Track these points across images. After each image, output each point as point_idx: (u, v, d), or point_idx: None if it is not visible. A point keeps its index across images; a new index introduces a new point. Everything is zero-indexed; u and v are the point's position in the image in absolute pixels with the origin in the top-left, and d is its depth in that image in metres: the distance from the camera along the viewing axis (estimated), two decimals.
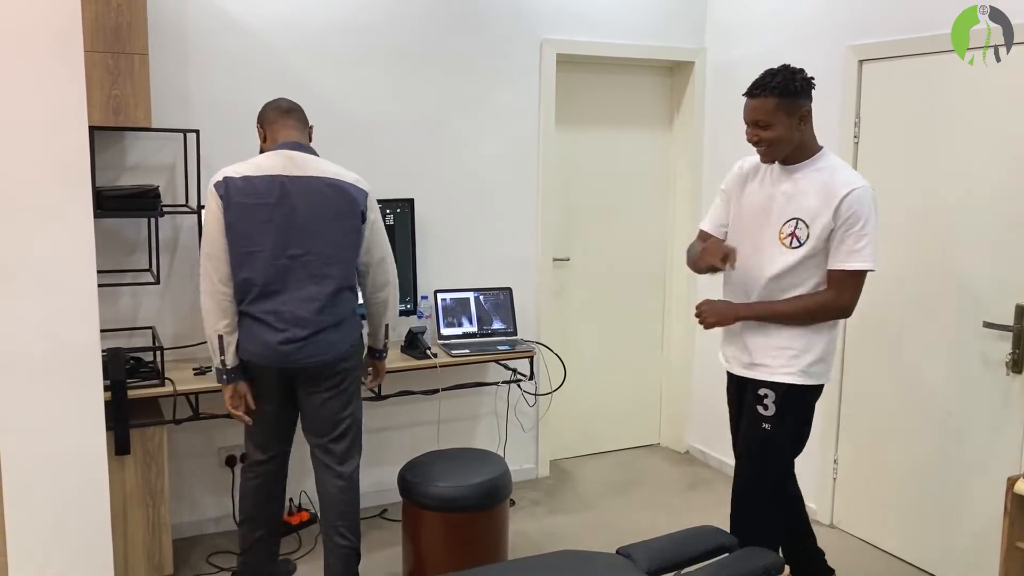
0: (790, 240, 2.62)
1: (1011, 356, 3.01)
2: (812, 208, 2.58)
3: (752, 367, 2.75)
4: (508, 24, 4.00)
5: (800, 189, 2.63)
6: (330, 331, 2.80)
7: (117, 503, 3.02)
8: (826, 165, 2.64)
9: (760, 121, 2.61)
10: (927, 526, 3.38)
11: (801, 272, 2.64)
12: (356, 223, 2.83)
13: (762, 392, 2.72)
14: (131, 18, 3.04)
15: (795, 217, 2.61)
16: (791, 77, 2.61)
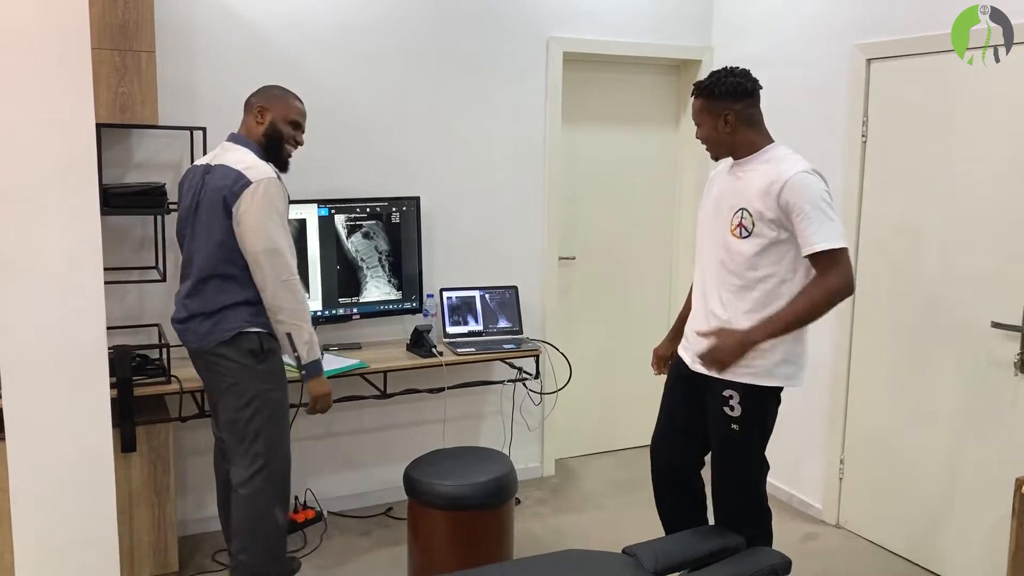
0: (739, 231, 2.63)
1: (1019, 356, 3.00)
2: (753, 198, 2.59)
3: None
4: (515, 22, 3.99)
5: (746, 181, 2.65)
6: (199, 320, 2.82)
7: (123, 500, 3.02)
8: (772, 156, 2.65)
9: (694, 119, 2.76)
10: (934, 527, 3.37)
11: (769, 258, 2.59)
12: (218, 211, 2.74)
13: (727, 393, 2.64)
14: (138, 16, 3.04)
15: (741, 208, 2.63)
16: (720, 80, 2.67)
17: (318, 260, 3.61)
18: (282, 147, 2.91)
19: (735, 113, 2.66)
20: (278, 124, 2.89)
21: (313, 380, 2.86)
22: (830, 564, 3.47)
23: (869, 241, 3.57)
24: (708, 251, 2.73)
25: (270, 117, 2.88)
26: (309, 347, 2.80)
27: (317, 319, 3.63)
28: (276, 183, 2.76)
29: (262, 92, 2.94)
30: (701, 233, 2.81)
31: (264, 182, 2.72)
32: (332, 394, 2.93)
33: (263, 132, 2.88)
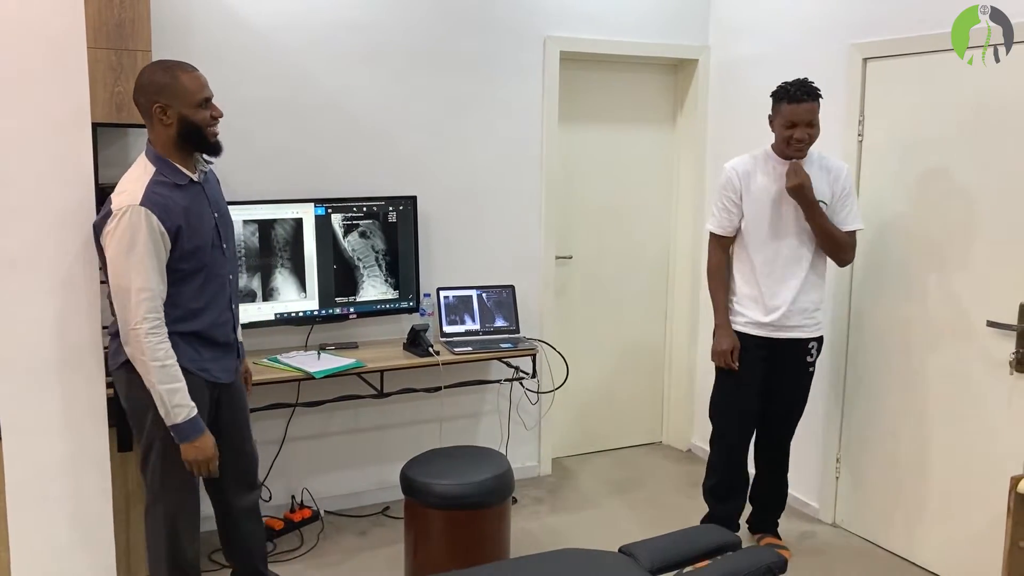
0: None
1: (1014, 355, 3.00)
2: (824, 191, 3.21)
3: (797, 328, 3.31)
4: (511, 22, 3.99)
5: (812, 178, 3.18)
6: (112, 338, 2.54)
7: (120, 500, 3.02)
8: (819, 157, 3.29)
9: (811, 121, 3.15)
10: (930, 525, 3.38)
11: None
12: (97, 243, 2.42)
13: (811, 345, 3.35)
14: (134, 15, 3.03)
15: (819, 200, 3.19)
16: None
17: (315, 259, 3.61)
18: (204, 136, 2.52)
19: None
20: (188, 116, 2.47)
21: (182, 444, 2.47)
22: (826, 562, 3.48)
23: (865, 240, 3.57)
24: (783, 237, 3.25)
25: (176, 112, 2.45)
26: (166, 409, 2.42)
27: (314, 318, 3.63)
28: (138, 212, 2.35)
29: (145, 85, 2.46)
30: (764, 224, 3.26)
31: (128, 211, 2.35)
32: (214, 458, 2.54)
33: (176, 133, 2.48)
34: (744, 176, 3.28)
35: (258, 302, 3.52)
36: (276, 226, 3.54)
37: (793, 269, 3.26)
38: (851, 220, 3.26)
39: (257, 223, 3.50)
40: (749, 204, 3.27)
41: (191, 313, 2.54)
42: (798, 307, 3.27)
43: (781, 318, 3.28)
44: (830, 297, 3.71)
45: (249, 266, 3.50)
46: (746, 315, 3.33)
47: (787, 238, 3.25)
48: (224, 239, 2.65)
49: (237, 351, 2.78)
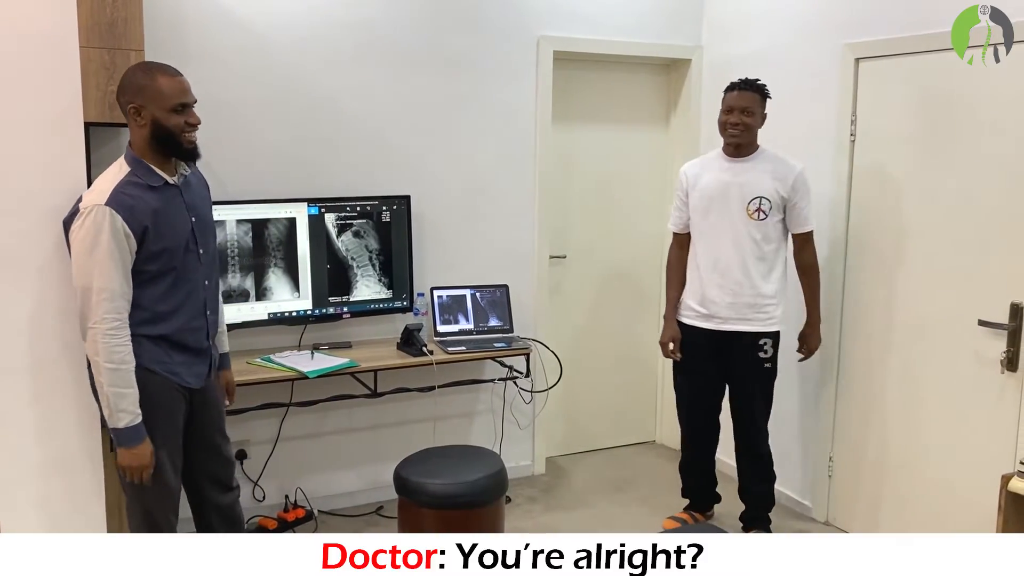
0: (757, 214, 3.33)
1: (1005, 354, 3.02)
2: (768, 188, 3.32)
3: (743, 322, 3.39)
4: (505, 21, 4.00)
5: (757, 174, 3.34)
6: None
7: (113, 499, 3.01)
8: (771, 155, 3.39)
9: (748, 107, 3.30)
10: (921, 523, 3.39)
11: (776, 232, 3.37)
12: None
13: (762, 341, 3.39)
14: (127, 14, 3.02)
15: (758, 196, 3.32)
16: (764, 85, 3.38)
17: (308, 259, 3.61)
18: (177, 142, 2.45)
19: (765, 116, 3.39)
20: (161, 120, 2.41)
21: (119, 449, 2.40)
22: None
23: (857, 240, 3.59)
24: (723, 232, 3.36)
25: (149, 115, 2.40)
26: (110, 411, 2.35)
27: (307, 318, 3.63)
28: (103, 211, 2.30)
29: (126, 85, 2.43)
30: (705, 219, 3.41)
31: (92, 211, 2.30)
32: (149, 467, 2.45)
33: (149, 135, 2.42)
34: (693, 175, 3.46)
35: (251, 302, 3.52)
36: (269, 226, 3.54)
37: (734, 263, 3.34)
38: (800, 223, 3.36)
39: (250, 223, 3.49)
40: (694, 201, 3.43)
41: (158, 316, 2.48)
42: (742, 301, 3.35)
43: (720, 311, 3.38)
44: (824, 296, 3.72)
45: (242, 266, 3.49)
46: (693, 308, 3.47)
47: (727, 233, 3.35)
48: (200, 244, 2.59)
49: (211, 358, 2.70)
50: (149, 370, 2.44)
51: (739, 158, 3.37)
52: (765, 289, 3.35)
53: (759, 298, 3.35)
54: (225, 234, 3.45)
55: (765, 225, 3.32)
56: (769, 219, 3.32)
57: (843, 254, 3.63)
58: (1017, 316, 2.98)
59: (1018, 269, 2.99)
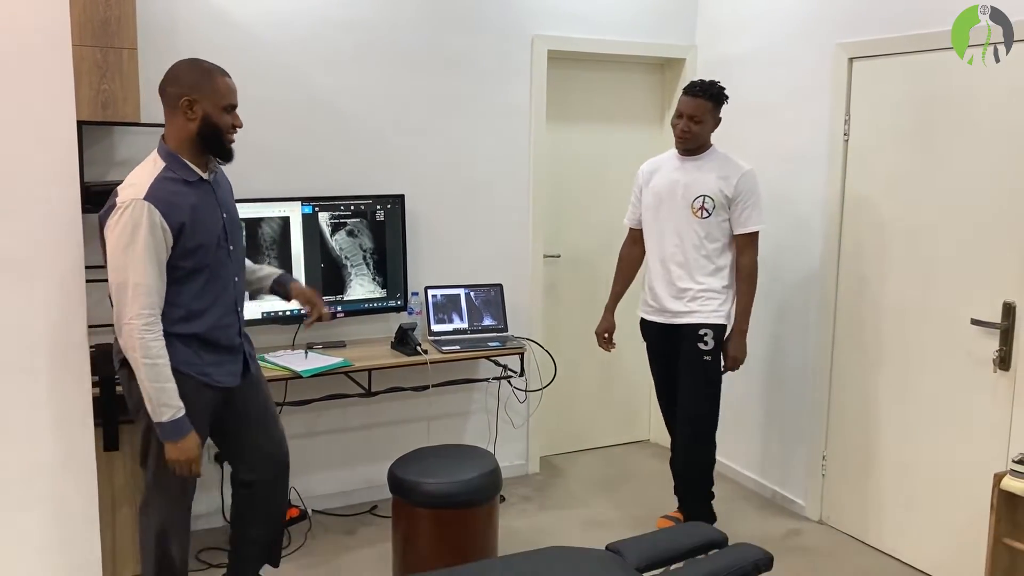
0: (701, 212, 3.36)
1: (998, 353, 3.03)
2: (712, 187, 3.35)
3: (687, 315, 3.41)
4: (499, 20, 3.99)
5: (703, 172, 3.38)
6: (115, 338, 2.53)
7: (105, 499, 3.00)
8: (720, 155, 3.42)
9: (696, 116, 3.31)
10: (915, 522, 3.40)
11: (719, 231, 3.38)
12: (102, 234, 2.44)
13: (702, 332, 3.38)
14: (120, 12, 3.02)
15: (702, 194, 3.35)
16: (722, 90, 3.37)
17: (302, 258, 3.61)
18: (221, 141, 2.50)
19: (719, 119, 3.40)
20: (213, 117, 2.45)
21: (166, 443, 2.44)
22: (813, 560, 3.50)
23: (850, 239, 3.60)
24: (669, 229, 3.42)
25: (202, 110, 2.44)
26: (152, 406, 2.40)
27: (301, 317, 3.62)
28: (141, 206, 2.33)
29: (180, 77, 2.46)
30: (652, 214, 3.48)
31: (130, 205, 2.33)
32: (196, 460, 2.50)
33: (196, 131, 2.45)
34: (647, 173, 3.53)
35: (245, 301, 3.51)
36: (263, 225, 3.53)
37: (677, 259, 3.40)
38: (741, 223, 3.37)
39: (244, 222, 3.48)
40: (646, 199, 3.50)
41: (192, 314, 2.50)
42: (687, 295, 3.39)
43: (668, 304, 3.44)
44: (817, 296, 3.73)
45: None
46: (646, 303, 3.57)
47: (672, 229, 3.40)
48: (231, 240, 2.61)
49: (244, 355, 2.71)
50: (178, 371, 2.45)
51: (689, 157, 3.42)
52: (708, 284, 3.38)
53: (702, 292, 3.38)
54: None
55: (709, 223, 3.35)
56: (713, 217, 3.34)
57: (836, 253, 3.64)
58: (1009, 315, 3.00)
59: (1011, 268, 3.00)
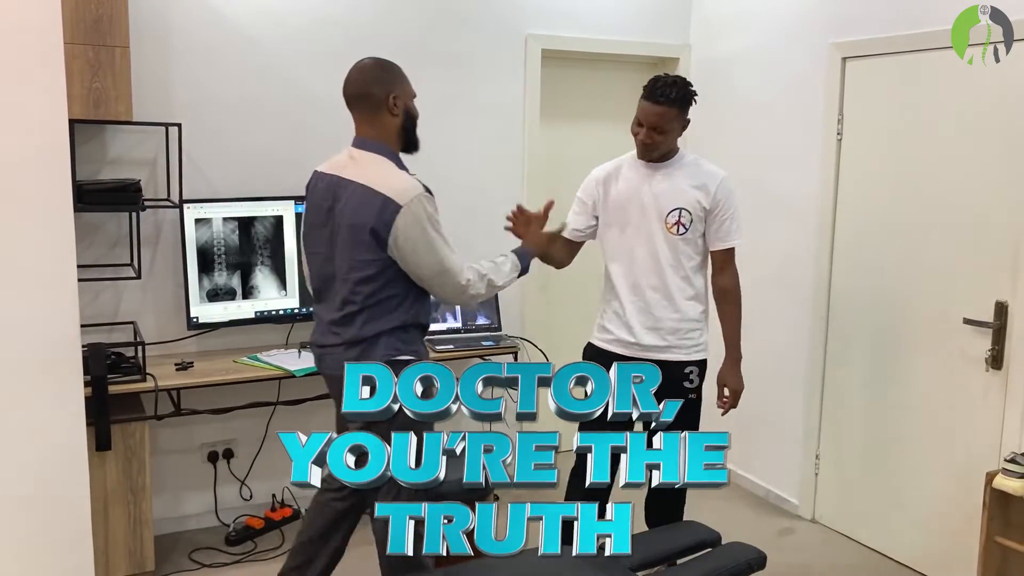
0: (677, 228, 2.89)
1: (990, 352, 3.04)
2: (689, 198, 2.88)
3: (665, 350, 2.92)
4: (493, 20, 3.99)
5: (674, 182, 2.90)
6: (343, 349, 2.52)
7: (98, 499, 2.99)
8: (690, 160, 2.95)
9: (660, 126, 2.83)
10: (908, 521, 3.41)
11: (694, 248, 2.93)
12: (364, 242, 2.44)
13: (688, 370, 2.95)
14: (112, 10, 3.01)
15: (678, 207, 2.87)
16: (689, 91, 2.90)
17: (295, 257, 3.59)
18: (415, 129, 2.58)
19: (687, 122, 2.93)
20: (410, 109, 2.55)
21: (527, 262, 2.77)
22: (806, 559, 3.51)
23: (843, 239, 3.61)
24: (640, 250, 2.93)
25: (403, 104, 2.52)
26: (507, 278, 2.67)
27: (294, 316, 3.62)
28: (425, 198, 2.48)
29: (382, 77, 2.53)
30: (620, 235, 3.00)
31: (414, 200, 2.43)
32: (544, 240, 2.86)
33: (401, 124, 2.53)
34: (602, 181, 3.05)
35: (238, 300, 3.50)
36: (256, 223, 3.52)
37: (655, 284, 2.91)
38: (721, 237, 2.90)
39: (237, 220, 3.48)
40: (606, 214, 3.01)
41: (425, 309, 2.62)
42: (666, 327, 2.91)
43: (643, 338, 2.93)
44: (810, 295, 3.74)
45: (229, 264, 3.48)
46: (610, 332, 3.02)
47: (644, 250, 2.91)
48: None
49: None
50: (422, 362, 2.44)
51: (656, 164, 2.92)
52: (690, 312, 2.91)
53: (683, 323, 2.91)
54: (211, 232, 3.43)
55: (686, 240, 2.88)
56: (689, 233, 2.87)
57: (829, 252, 3.65)
58: (1002, 314, 3.01)
59: (1003, 268, 3.01)
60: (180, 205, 3.36)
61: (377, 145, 2.51)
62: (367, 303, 2.48)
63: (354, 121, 2.60)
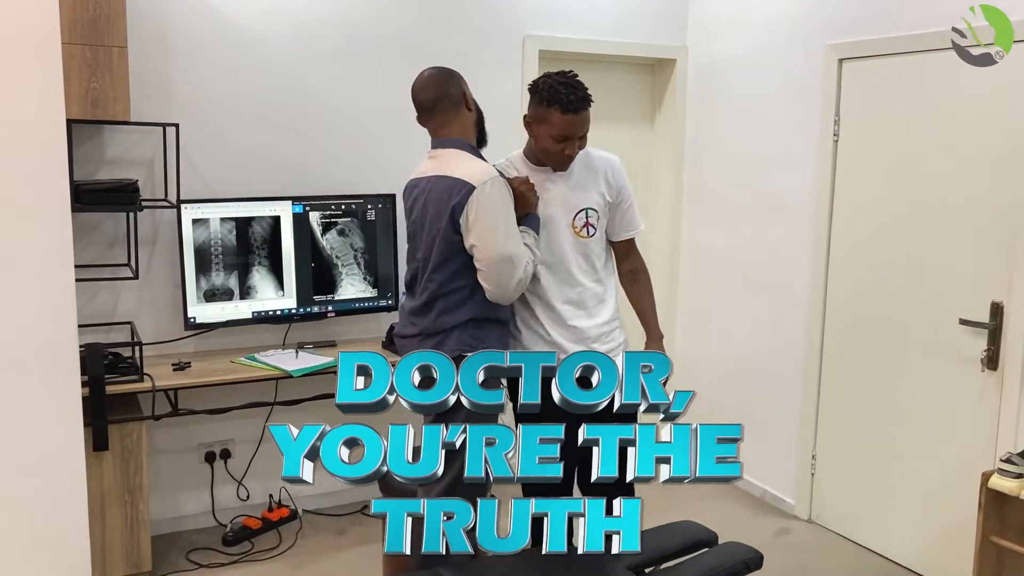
0: (586, 230, 2.67)
1: (986, 353, 3.05)
2: (593, 196, 2.68)
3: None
4: (491, 20, 3.99)
5: (574, 182, 2.69)
6: (424, 339, 2.57)
7: (95, 499, 2.99)
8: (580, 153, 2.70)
9: (584, 130, 2.64)
10: (904, 521, 3.42)
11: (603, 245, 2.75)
12: (442, 225, 2.50)
13: None
14: (110, 10, 3.01)
15: (584, 208, 2.67)
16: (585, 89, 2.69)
17: (292, 257, 3.60)
18: (485, 121, 2.74)
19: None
20: (478, 105, 2.72)
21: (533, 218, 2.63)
22: (802, 559, 3.51)
23: (840, 239, 3.61)
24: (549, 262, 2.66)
25: (472, 101, 2.68)
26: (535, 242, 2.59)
27: (292, 317, 3.62)
28: (501, 182, 2.51)
29: (452, 78, 2.65)
30: None
31: (489, 183, 2.47)
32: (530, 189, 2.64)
33: (476, 119, 2.69)
34: None
35: (235, 300, 3.50)
36: (253, 224, 3.53)
37: (571, 299, 2.69)
38: (628, 225, 2.76)
39: (234, 221, 3.48)
40: None
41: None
42: (589, 335, 2.69)
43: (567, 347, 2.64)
44: (806, 295, 3.74)
45: (226, 264, 3.48)
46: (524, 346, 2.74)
47: (554, 262, 2.67)
48: None
49: None
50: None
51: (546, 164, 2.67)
52: (605, 315, 2.72)
53: (603, 327, 2.72)
54: (209, 232, 3.44)
55: (594, 241, 2.68)
56: (599, 231, 2.69)
57: (825, 253, 3.65)
58: (998, 315, 3.01)
59: (999, 268, 3.02)
60: (178, 205, 3.36)
61: (454, 141, 2.61)
62: (440, 292, 2.55)
63: (430, 126, 2.67)
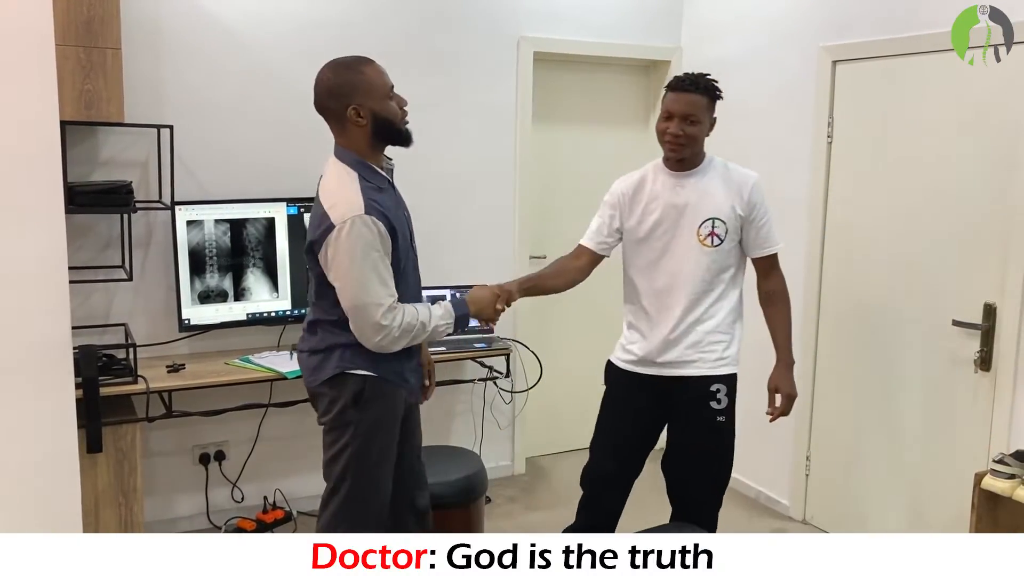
0: (711, 239, 2.70)
1: (979, 354, 3.06)
2: (723, 206, 2.70)
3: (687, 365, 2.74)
4: (485, 22, 4.00)
5: (705, 190, 2.72)
6: (307, 356, 2.49)
7: (89, 501, 2.98)
8: (718, 164, 2.77)
9: (691, 115, 2.67)
10: (899, 522, 3.42)
11: (732, 259, 2.76)
12: (312, 256, 2.37)
13: (715, 387, 2.73)
14: (104, 12, 3.00)
15: (711, 217, 2.70)
16: (715, 84, 2.77)
17: (287, 259, 3.60)
18: (397, 129, 2.40)
19: (715, 120, 2.76)
20: (381, 112, 2.35)
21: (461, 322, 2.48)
22: None
23: (834, 241, 3.62)
24: (668, 265, 2.74)
25: (368, 110, 2.33)
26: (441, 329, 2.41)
27: (286, 318, 3.62)
28: (363, 221, 2.25)
29: (337, 89, 2.34)
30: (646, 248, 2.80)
31: (348, 223, 2.24)
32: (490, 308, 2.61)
33: (371, 132, 2.35)
34: (628, 194, 2.89)
35: (230, 302, 3.50)
36: (248, 225, 3.52)
37: (681, 300, 2.71)
38: (762, 243, 2.75)
39: (228, 222, 3.48)
40: (633, 229, 2.82)
41: None
42: (689, 339, 2.72)
43: (659, 350, 2.75)
44: (800, 296, 3.75)
45: (220, 266, 3.48)
46: (626, 349, 2.86)
47: (674, 265, 2.73)
48: (412, 238, 2.54)
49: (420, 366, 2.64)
50: (386, 380, 2.39)
51: (683, 172, 2.74)
52: (716, 325, 2.73)
53: (707, 335, 2.72)
54: (203, 234, 3.43)
55: (720, 252, 2.70)
56: (726, 243, 2.70)
57: (819, 255, 3.66)
58: (990, 316, 3.02)
59: (992, 270, 3.03)
60: (172, 207, 3.36)
61: (345, 153, 2.38)
62: (318, 317, 2.43)
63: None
